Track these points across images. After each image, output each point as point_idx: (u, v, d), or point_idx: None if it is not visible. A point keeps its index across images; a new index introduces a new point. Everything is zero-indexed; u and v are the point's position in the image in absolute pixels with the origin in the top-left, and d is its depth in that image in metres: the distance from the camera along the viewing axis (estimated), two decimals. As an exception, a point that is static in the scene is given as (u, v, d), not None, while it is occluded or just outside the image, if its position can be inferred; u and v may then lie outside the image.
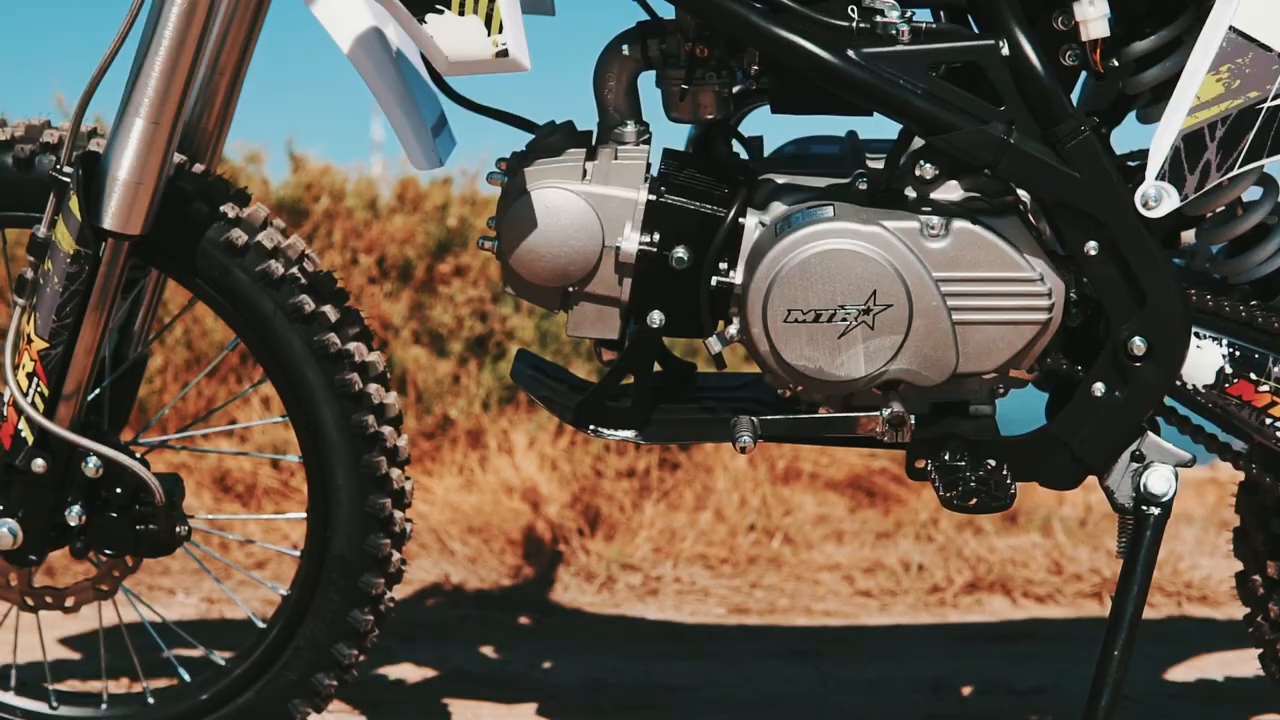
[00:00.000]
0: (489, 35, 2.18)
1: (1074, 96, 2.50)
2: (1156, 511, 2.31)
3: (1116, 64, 2.32)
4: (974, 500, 2.29)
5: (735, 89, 2.43)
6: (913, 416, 2.27)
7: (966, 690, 3.17)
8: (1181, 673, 3.28)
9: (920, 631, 3.59)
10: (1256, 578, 2.53)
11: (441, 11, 2.17)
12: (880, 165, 2.32)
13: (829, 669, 3.30)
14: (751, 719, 3.00)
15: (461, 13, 2.17)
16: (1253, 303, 2.35)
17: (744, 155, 2.51)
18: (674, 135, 2.53)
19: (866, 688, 3.18)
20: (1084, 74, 2.36)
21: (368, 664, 3.26)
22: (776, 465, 4.29)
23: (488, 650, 3.39)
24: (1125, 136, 2.43)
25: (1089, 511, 4.20)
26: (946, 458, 2.30)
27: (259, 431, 4.15)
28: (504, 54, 2.19)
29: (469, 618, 3.62)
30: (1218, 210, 2.39)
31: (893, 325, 2.23)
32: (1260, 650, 2.59)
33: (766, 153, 2.50)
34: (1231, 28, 2.19)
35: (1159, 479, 2.31)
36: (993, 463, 2.31)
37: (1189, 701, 3.12)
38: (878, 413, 2.27)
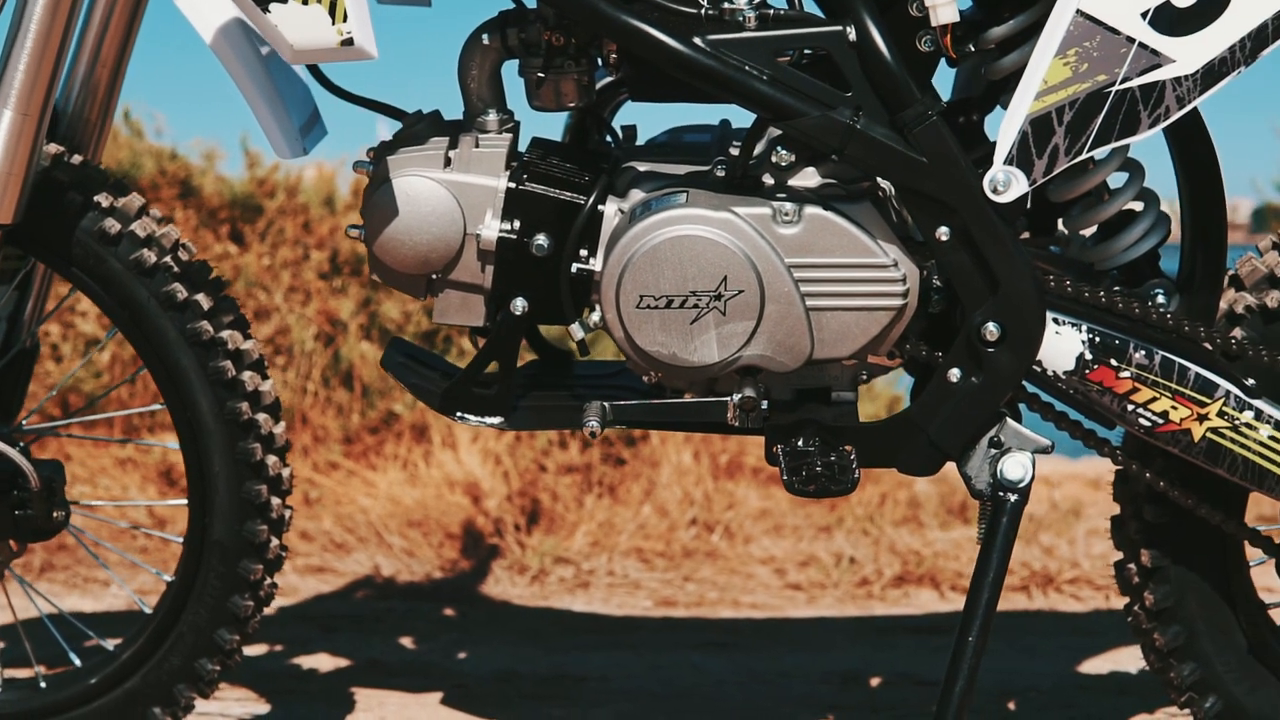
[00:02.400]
0: (333, 24, 2.20)
1: (952, 84, 2.52)
2: (1014, 498, 2.31)
3: (974, 49, 2.32)
4: (813, 485, 2.29)
5: (609, 79, 2.45)
6: (765, 402, 2.28)
7: (875, 681, 3.17)
8: (1096, 665, 3.28)
9: (843, 624, 3.59)
10: (1132, 566, 2.52)
11: (285, 1, 2.19)
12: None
13: (742, 660, 3.30)
14: (654, 708, 3.01)
15: (305, 1, 2.19)
16: (1116, 288, 2.35)
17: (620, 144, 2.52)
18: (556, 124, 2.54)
19: (777, 679, 3.19)
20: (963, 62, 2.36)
21: (284, 654, 3.29)
22: (719, 459, 4.29)
23: (406, 641, 3.41)
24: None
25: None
26: (799, 443, 2.30)
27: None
28: (349, 43, 2.20)
29: (394, 610, 3.64)
30: (1083, 196, 2.38)
31: (744, 311, 2.24)
32: (1141, 640, 2.58)
33: (641, 141, 2.51)
34: (1079, 11, 2.19)
35: (1015, 465, 2.31)
36: (847, 448, 2.31)
37: (1098, 693, 3.12)
38: (729, 398, 2.27)
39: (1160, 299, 2.39)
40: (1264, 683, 2.51)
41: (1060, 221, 2.44)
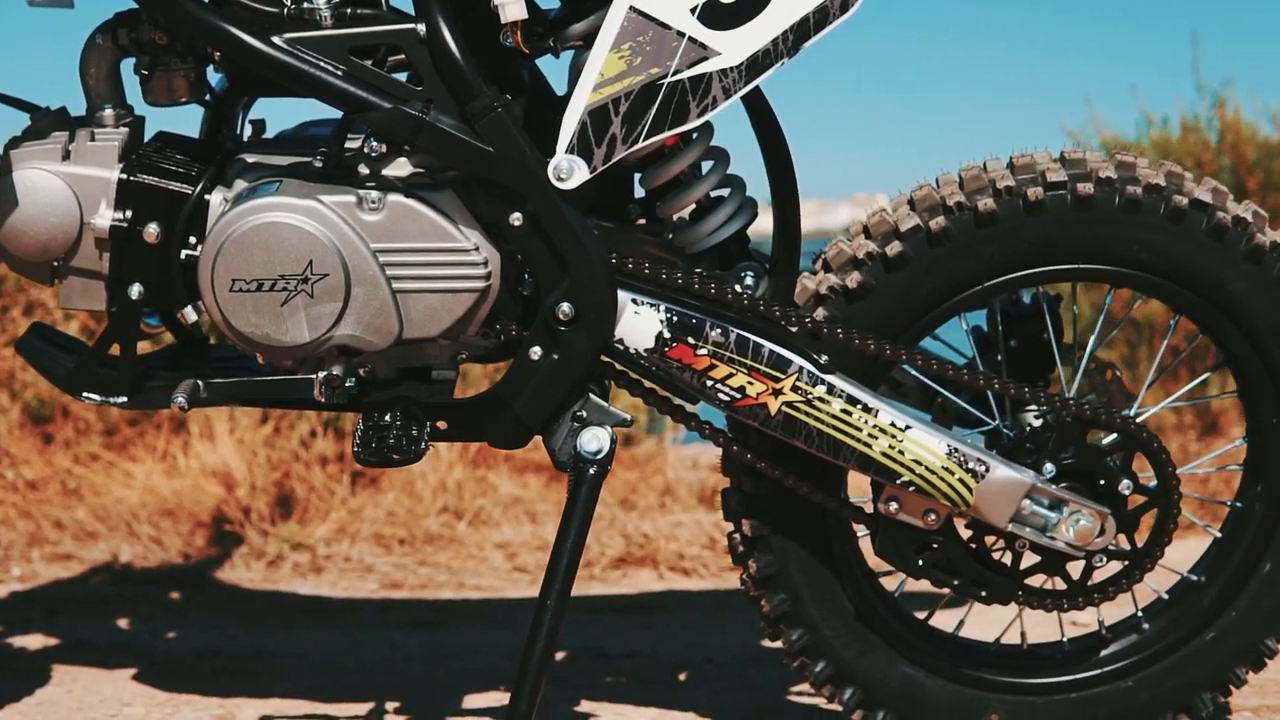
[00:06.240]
0: None
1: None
2: (593, 469, 2.44)
3: (554, 44, 2.45)
4: (376, 457, 2.41)
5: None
6: (352, 379, 2.40)
7: (561, 655, 3.29)
8: (779, 638, 3.40)
9: (554, 603, 3.70)
10: (737, 536, 2.65)
11: None
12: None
13: (440, 638, 3.43)
14: (340, 682, 3.13)
15: None
16: (697, 270, 2.49)
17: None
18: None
19: (467, 654, 3.31)
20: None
21: (1, 635, 3.40)
22: (470, 449, 4.42)
23: (122, 623, 3.52)
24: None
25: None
26: (386, 419, 2.43)
27: None
28: None
29: (122, 594, 3.75)
30: (672, 183, 2.52)
31: (331, 293, 2.36)
32: (753, 608, 2.70)
33: (272, 134, 2.64)
34: (632, 8, 2.33)
35: (591, 438, 2.44)
36: (441, 424, 2.45)
37: (770, 665, 3.23)
38: (315, 376, 2.39)
39: (749, 280, 2.53)
40: (873, 647, 2.65)
41: (656, 208, 2.57)
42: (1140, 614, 2.71)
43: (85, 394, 2.52)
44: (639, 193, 2.61)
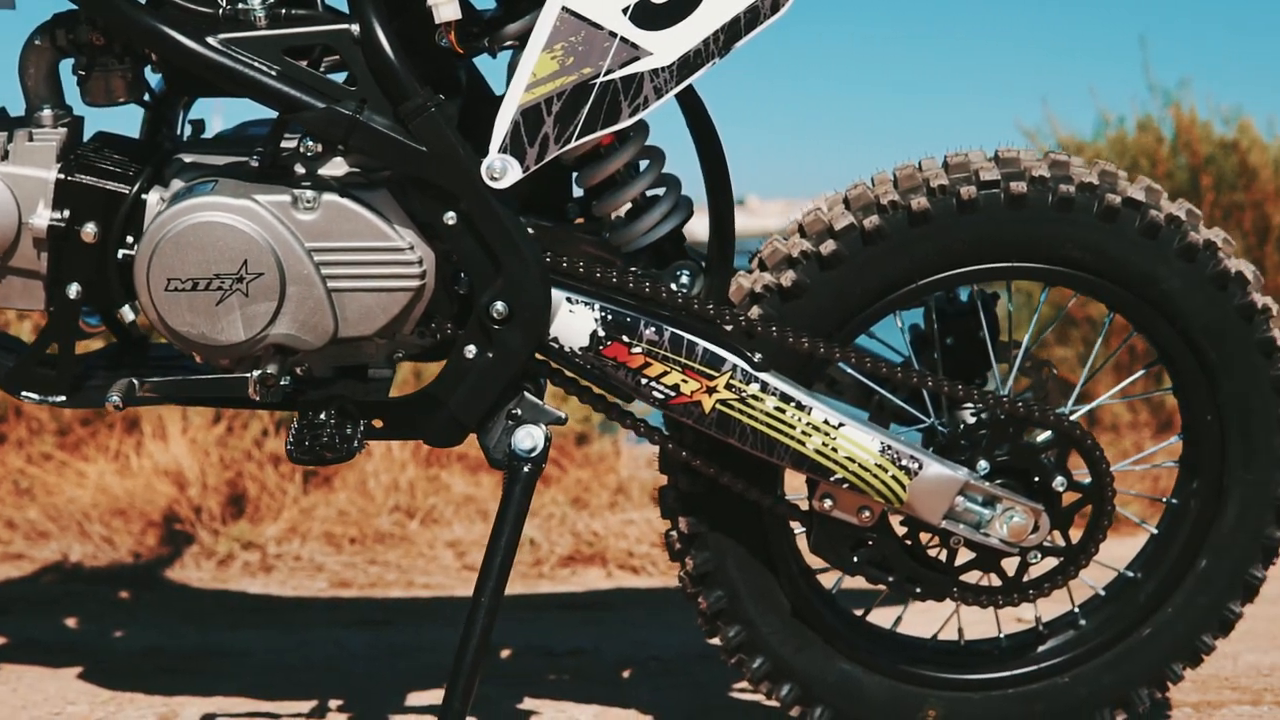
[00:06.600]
0: None
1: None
2: (526, 468, 2.45)
3: (488, 44, 2.47)
4: (309, 455, 2.42)
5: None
6: (288, 378, 2.41)
7: (505, 653, 3.31)
8: (723, 636, 3.41)
9: (505, 602, 3.69)
10: (674, 533, 2.66)
11: None
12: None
13: (386, 636, 3.44)
14: (285, 680, 3.13)
15: None
16: (632, 269, 2.50)
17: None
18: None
19: (412, 652, 3.32)
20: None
21: (-52, 635, 3.41)
22: (424, 447, 4.43)
23: (71, 621, 3.53)
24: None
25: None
26: (321, 417, 2.44)
27: None
28: None
29: (72, 593, 3.76)
30: (608, 182, 2.53)
31: (266, 292, 2.37)
32: (691, 605, 2.72)
33: (212, 134, 2.65)
34: (564, 8, 2.35)
35: (525, 436, 2.46)
36: (376, 422, 2.46)
37: (716, 662, 3.24)
38: (250, 374, 2.40)
39: (685, 279, 2.55)
40: (809, 644, 2.67)
41: (592, 206, 2.59)
42: (1077, 610, 2.73)
43: (24, 393, 2.53)
44: (578, 192, 2.63)
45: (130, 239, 2.44)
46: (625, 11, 2.35)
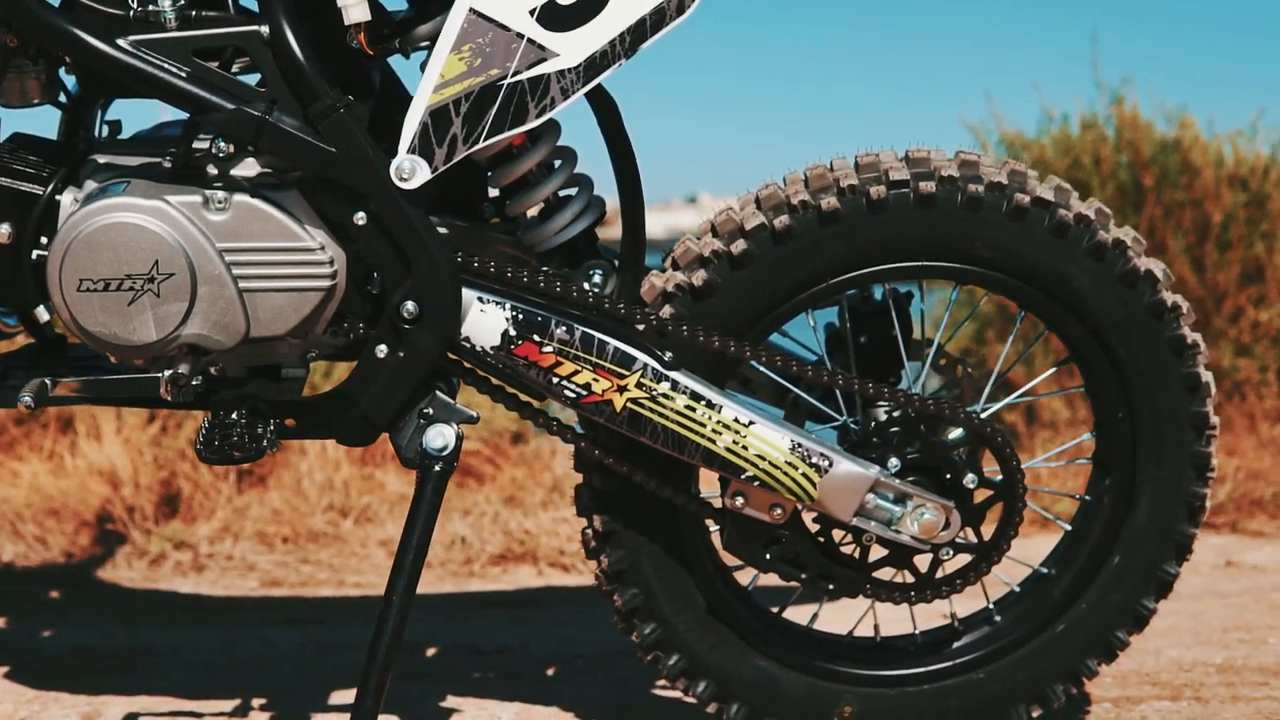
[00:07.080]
0: None
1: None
2: (438, 466, 2.47)
3: (399, 45, 2.48)
4: (217, 455, 2.43)
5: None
6: (198, 378, 2.43)
7: (432, 651, 3.32)
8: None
9: (432, 600, 3.74)
10: (590, 531, 2.68)
11: None
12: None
13: (314, 634, 3.45)
14: (213, 679, 3.15)
15: None
16: (544, 269, 2.52)
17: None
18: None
19: (339, 650, 3.33)
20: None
21: (-127, 636, 3.41)
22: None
23: (0, 621, 3.53)
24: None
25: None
26: (233, 416, 2.45)
27: None
28: None
29: (3, 593, 3.76)
30: (520, 182, 2.55)
31: (178, 293, 2.38)
32: (607, 603, 2.73)
33: (130, 135, 2.65)
34: (472, 9, 2.36)
35: (437, 435, 2.47)
36: (289, 421, 2.47)
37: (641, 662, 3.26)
38: (161, 374, 2.41)
39: (597, 278, 2.56)
40: (725, 641, 2.68)
41: (506, 206, 2.60)
42: (992, 606, 2.76)
43: (-64, 395, 2.53)
44: (494, 192, 2.64)
45: (44, 239, 2.45)
46: (532, 13, 2.37)
